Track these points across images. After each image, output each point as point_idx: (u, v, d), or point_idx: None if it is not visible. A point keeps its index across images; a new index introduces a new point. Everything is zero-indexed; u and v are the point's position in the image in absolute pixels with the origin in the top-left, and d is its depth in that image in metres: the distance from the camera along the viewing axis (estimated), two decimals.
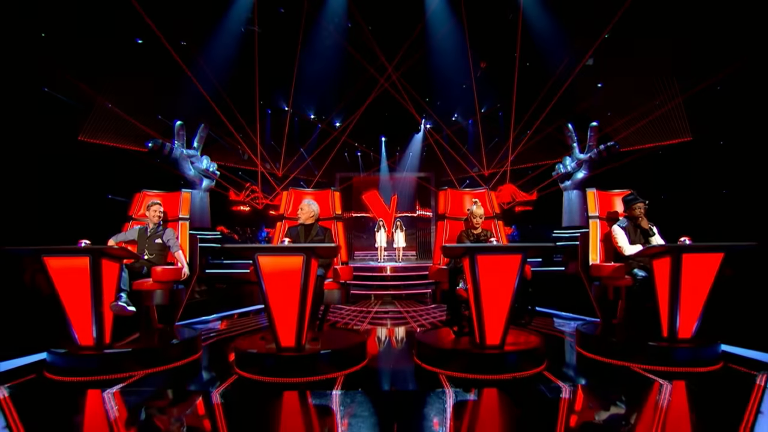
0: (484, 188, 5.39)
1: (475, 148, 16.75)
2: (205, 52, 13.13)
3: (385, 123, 16.85)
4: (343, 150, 18.11)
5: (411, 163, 18.37)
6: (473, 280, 3.74)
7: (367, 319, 6.92)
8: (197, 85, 13.33)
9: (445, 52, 13.33)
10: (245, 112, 15.21)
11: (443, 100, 15.48)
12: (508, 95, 14.25)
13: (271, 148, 16.71)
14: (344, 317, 7.12)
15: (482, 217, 4.78)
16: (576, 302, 7.58)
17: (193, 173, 13.78)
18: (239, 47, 13.15)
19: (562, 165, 14.22)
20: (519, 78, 14.11)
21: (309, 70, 13.94)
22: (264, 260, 3.72)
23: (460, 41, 13.08)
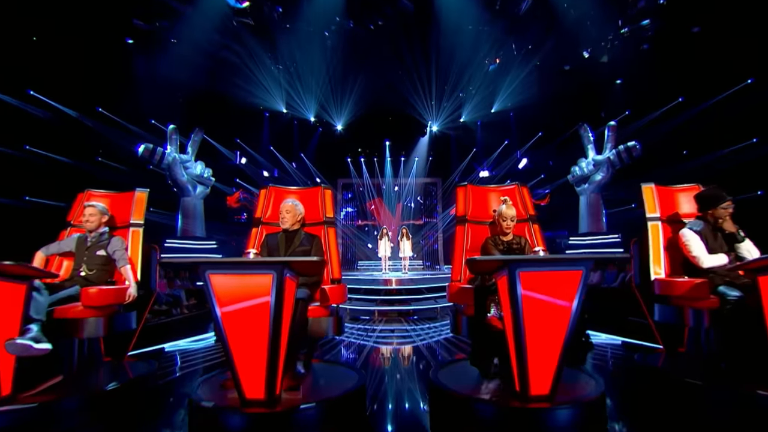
0: (513, 184, 4.24)
1: (486, 151, 15.62)
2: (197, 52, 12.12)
3: (389, 126, 15.77)
4: (345, 155, 17.05)
5: (417, 169, 17.24)
6: (513, 304, 2.60)
7: (369, 342, 5.76)
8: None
9: (456, 45, 12.28)
10: (243, 116, 14.21)
11: (451, 100, 14.39)
12: (523, 93, 13.14)
13: (270, 153, 15.68)
14: (343, 339, 5.96)
15: (514, 220, 3.64)
16: (611, 318, 6.39)
17: (186, 179, 12.74)
18: (232, 44, 12.14)
19: (578, 167, 13.06)
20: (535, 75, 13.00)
21: (307, 69, 12.93)
22: (218, 280, 2.60)
23: (473, 33, 12.00)
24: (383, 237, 11.94)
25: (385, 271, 11.92)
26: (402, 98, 14.31)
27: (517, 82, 13.06)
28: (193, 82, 12.63)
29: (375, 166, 17.29)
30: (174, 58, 12.26)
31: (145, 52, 12.04)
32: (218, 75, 12.65)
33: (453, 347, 5.22)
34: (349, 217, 17.80)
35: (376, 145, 16.92)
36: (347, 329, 6.97)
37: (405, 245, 11.79)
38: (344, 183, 17.73)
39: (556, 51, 12.09)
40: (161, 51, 12.12)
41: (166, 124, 12.68)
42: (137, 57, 12.12)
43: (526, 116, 14.46)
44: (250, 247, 3.86)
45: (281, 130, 15.16)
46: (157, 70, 12.31)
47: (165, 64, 12.30)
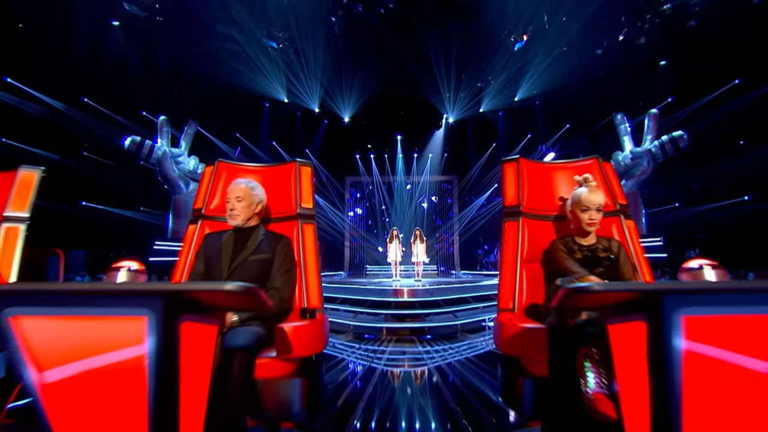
0: (592, 158, 2.81)
1: (508, 145, 14.11)
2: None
3: (401, 119, 14.37)
4: (353, 150, 15.69)
5: (431, 165, 15.78)
6: (657, 373, 1.16)
7: (372, 376, 4.36)
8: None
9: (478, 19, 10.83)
10: (242, 106, 12.95)
11: (470, 88, 12.92)
12: (551, 78, 11.64)
13: (271, 149, 14.39)
14: (341, 363, 4.57)
15: (600, 211, 2.21)
16: None
17: (177, 174, 11.51)
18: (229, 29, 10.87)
19: (613, 161, 11.49)
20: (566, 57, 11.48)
21: (310, 53, 11.60)
22: (32, 326, 1.21)
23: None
24: (393, 240, 10.54)
25: (396, 277, 10.51)
26: (415, 87, 12.90)
27: (545, 65, 11.55)
28: (187, 69, 11.40)
29: (386, 163, 15.89)
30: (167, 42, 11.05)
31: (134, 35, 10.84)
32: (215, 61, 11.40)
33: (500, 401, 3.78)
34: (358, 218, 16.41)
35: (387, 140, 15.53)
36: (347, 351, 5.59)
37: (418, 249, 10.37)
38: (353, 181, 16.35)
39: (590, 29, 10.56)
40: (152, 34, 10.91)
41: (157, 116, 11.49)
42: (125, 41, 10.92)
43: (554, 105, 12.92)
44: (185, 252, 2.49)
45: (283, 122, 13.86)
46: (148, 56, 11.11)
47: (156, 49, 11.10)
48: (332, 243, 15.57)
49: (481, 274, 13.03)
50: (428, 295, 7.57)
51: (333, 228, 15.53)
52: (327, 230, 15.36)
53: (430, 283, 9.96)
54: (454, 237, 15.88)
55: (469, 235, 15.29)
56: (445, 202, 16.30)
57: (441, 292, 7.83)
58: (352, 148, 15.50)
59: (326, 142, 15.03)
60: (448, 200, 16.28)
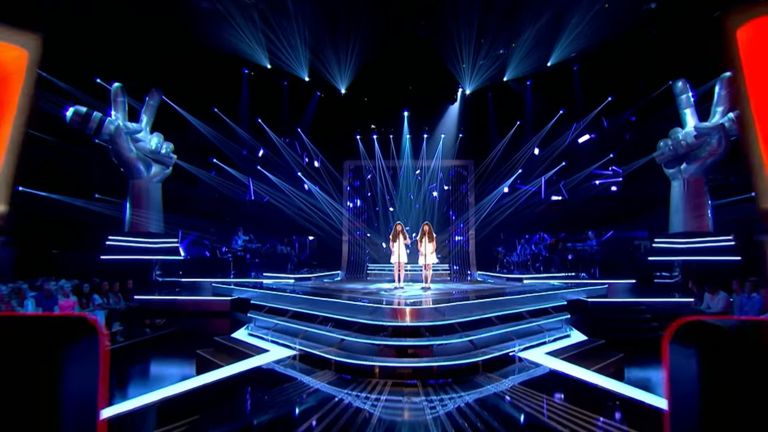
0: None
1: (538, 121, 12.13)
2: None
3: (408, 91, 12.45)
4: (352, 130, 13.81)
5: (443, 148, 13.91)
6: None
7: None
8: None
9: None
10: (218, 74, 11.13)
11: (492, 50, 10.90)
12: (593, 37, 9.64)
13: (255, 126, 12.58)
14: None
15: None
16: None
17: (135, 155, 9.77)
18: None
19: (672, 140, 9.52)
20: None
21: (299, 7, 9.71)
22: None
23: None
24: (397, 236, 8.72)
25: (398, 283, 8.72)
26: (425, 51, 10.94)
27: (585, 21, 9.52)
28: (149, 26, 9.59)
29: (391, 145, 14.00)
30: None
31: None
32: (183, 14, 9.54)
33: None
34: (358, 209, 14.58)
35: (392, 117, 13.66)
36: (319, 405, 3.86)
37: (426, 248, 8.55)
38: (353, 165, 14.49)
39: None
40: None
41: (111, 83, 9.75)
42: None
43: (594, 72, 10.90)
44: None
45: (267, 94, 12.02)
46: (101, 10, 9.29)
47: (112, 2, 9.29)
48: (327, 238, 13.84)
49: (503, 277, 11.20)
50: (438, 317, 5.75)
51: (328, 220, 13.77)
52: (321, 224, 13.61)
53: (440, 293, 8.14)
54: (469, 232, 14.03)
55: (488, 230, 13.43)
56: (459, 190, 14.42)
57: (456, 312, 6.01)
58: (351, 126, 13.68)
59: (320, 120, 13.26)
60: (462, 189, 14.37)
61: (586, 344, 6.56)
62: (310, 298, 7.09)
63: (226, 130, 12.25)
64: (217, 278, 10.51)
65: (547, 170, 12.65)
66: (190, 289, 10.01)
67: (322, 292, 7.95)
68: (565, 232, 11.94)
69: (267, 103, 12.29)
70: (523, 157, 12.89)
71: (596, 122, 11.93)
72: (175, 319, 8.57)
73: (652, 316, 7.85)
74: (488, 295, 7.44)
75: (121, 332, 7.27)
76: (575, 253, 11.04)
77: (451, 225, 14.35)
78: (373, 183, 14.42)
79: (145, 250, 9.86)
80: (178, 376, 6.16)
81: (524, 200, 13.07)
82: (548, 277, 10.88)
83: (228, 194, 12.66)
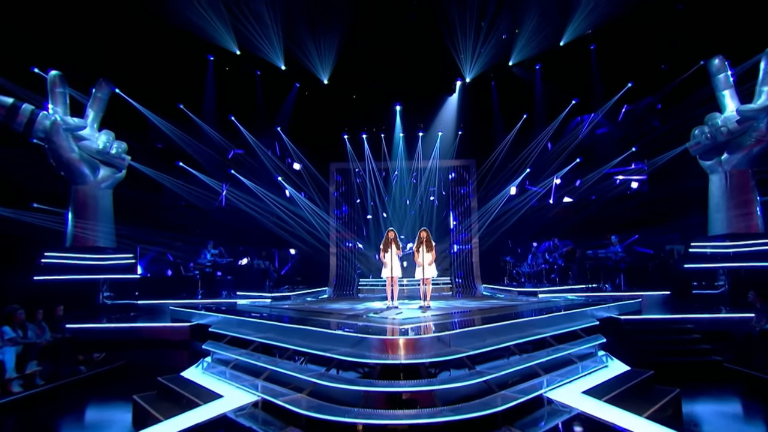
0: None
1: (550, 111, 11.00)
2: None
3: (400, 82, 11.28)
4: (339, 128, 12.65)
5: (441, 146, 12.90)
6: None
7: None
8: None
9: None
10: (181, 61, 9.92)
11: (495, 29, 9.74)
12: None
13: (227, 123, 11.35)
14: None
15: None
16: None
17: (77, 156, 8.50)
18: None
19: (709, 127, 8.36)
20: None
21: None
22: None
23: None
24: (388, 246, 7.46)
25: (391, 303, 7.45)
26: (418, 30, 9.78)
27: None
28: (97, 4, 8.42)
29: (382, 144, 12.85)
30: None
31: None
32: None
33: None
34: (347, 217, 13.37)
35: (383, 113, 12.54)
36: None
37: (425, 259, 7.30)
38: (338, 168, 13.33)
39: None
40: None
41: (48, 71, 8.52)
42: None
43: (613, 53, 9.78)
44: None
45: (238, 85, 10.81)
46: None
47: None
48: (312, 251, 12.63)
49: (513, 291, 9.96)
50: (441, 348, 4.49)
51: (313, 231, 12.56)
52: (304, 235, 12.37)
53: (442, 314, 6.84)
54: (473, 240, 12.81)
55: (494, 238, 12.24)
56: (460, 194, 13.21)
57: (465, 340, 4.75)
58: (336, 124, 12.55)
59: (301, 116, 12.21)
60: (463, 191, 13.18)
61: (631, 377, 5.29)
62: (279, 324, 5.78)
63: (193, 129, 11.01)
64: (182, 299, 9.26)
65: (559, 168, 11.47)
66: (149, 313, 8.73)
67: (295, 317, 6.66)
68: (583, 238, 10.77)
69: (238, 97, 11.09)
70: (533, 153, 11.73)
71: (615, 112, 10.77)
72: (123, 352, 7.26)
73: (702, 336, 6.61)
74: (502, 316, 6.17)
75: (42, 373, 5.92)
76: (596, 261, 9.82)
77: (451, 233, 13.15)
78: (363, 188, 13.39)
79: (90, 268, 8.55)
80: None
81: (536, 202, 11.91)
82: (567, 290, 9.68)
83: (197, 203, 11.37)
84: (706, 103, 8.81)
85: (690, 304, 8.19)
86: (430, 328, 5.40)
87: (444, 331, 4.86)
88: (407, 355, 4.46)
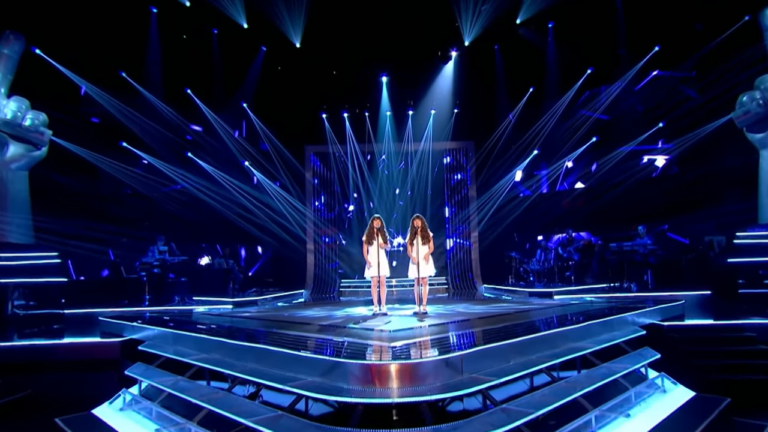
0: None
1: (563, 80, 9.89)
2: None
3: (386, 47, 10.02)
4: (316, 105, 11.35)
5: (434, 126, 11.74)
6: None
7: None
8: None
9: None
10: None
11: None
12: None
13: (178, 95, 9.95)
14: None
15: None
16: None
17: None
18: None
19: (761, 94, 7.25)
20: None
21: None
22: None
23: None
24: (373, 237, 6.22)
25: (377, 310, 6.27)
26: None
27: None
28: None
29: (366, 123, 11.60)
30: None
31: None
32: None
33: None
34: (326, 208, 12.14)
35: (366, 86, 11.35)
36: None
37: (420, 252, 6.08)
38: (316, 151, 12.07)
39: None
40: None
41: None
42: None
43: (640, 9, 8.65)
44: None
45: (191, 47, 9.40)
46: None
47: None
48: (286, 248, 11.43)
49: (522, 292, 8.85)
50: (451, 377, 3.29)
51: (287, 224, 11.28)
52: (276, 229, 11.18)
53: (445, 323, 5.57)
54: (472, 234, 11.60)
55: (496, 231, 11.17)
56: (456, 180, 12.00)
57: (481, 362, 3.57)
58: (313, 99, 11.17)
59: (270, 89, 10.90)
60: (458, 175, 11.99)
61: (703, 408, 4.14)
62: (227, 342, 4.46)
63: (140, 102, 9.59)
64: (124, 307, 7.96)
65: (573, 149, 10.32)
66: (78, 325, 7.34)
67: (252, 330, 5.37)
68: (602, 229, 9.70)
69: (191, 63, 9.65)
70: (542, 133, 10.56)
71: (639, 82, 9.66)
72: (35, 376, 5.87)
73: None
74: (524, 326, 4.96)
75: None
76: (620, 256, 8.71)
77: (446, 226, 11.96)
78: (345, 174, 12.18)
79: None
80: None
81: (547, 189, 10.78)
82: (586, 289, 8.57)
83: (145, 191, 9.95)
84: (753, 66, 7.74)
85: (739, 306, 7.07)
86: (431, 344, 4.16)
87: (452, 351, 3.60)
88: (402, 388, 3.21)
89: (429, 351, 3.91)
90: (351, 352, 3.80)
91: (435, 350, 3.89)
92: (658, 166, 9.80)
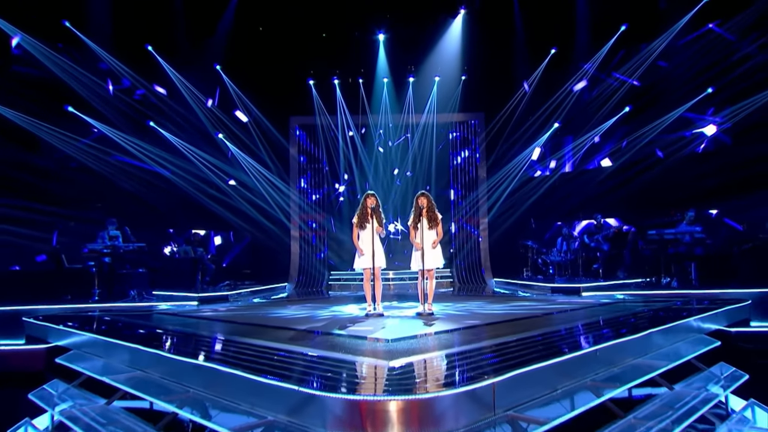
0: None
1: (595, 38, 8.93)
2: None
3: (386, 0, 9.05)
4: (302, 70, 10.39)
5: (438, 96, 10.89)
6: None
7: None
8: None
9: None
10: None
11: None
12: None
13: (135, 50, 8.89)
14: None
15: None
16: None
17: None
18: None
19: None
20: None
21: None
22: None
23: None
24: (366, 219, 5.27)
25: (371, 310, 5.38)
26: None
27: None
28: None
29: (360, 92, 10.68)
30: None
31: None
32: None
33: None
34: (312, 189, 11.29)
35: (360, 48, 10.43)
36: None
37: (425, 238, 5.13)
38: (302, 123, 11.24)
39: None
40: None
41: None
42: None
43: None
44: None
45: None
46: None
47: None
48: (267, 235, 10.64)
49: (542, 288, 8.00)
50: (480, 414, 2.28)
51: (268, 207, 10.39)
52: (255, 214, 10.53)
53: (456, 327, 4.59)
54: (481, 220, 10.75)
55: (511, 217, 10.43)
56: (463, 158, 11.11)
57: (521, 390, 2.60)
58: (297, 62, 10.30)
59: (247, 48, 9.90)
60: (466, 153, 11.10)
61: None
62: (166, 356, 3.46)
63: (89, 59, 8.53)
64: (67, 303, 7.09)
65: (602, 121, 9.36)
66: (4, 325, 6.36)
67: (205, 338, 4.40)
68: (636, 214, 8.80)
69: (147, 7, 8.53)
70: (566, 102, 9.59)
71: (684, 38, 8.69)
72: None
73: None
74: (568, 338, 4.01)
75: None
76: (660, 245, 7.79)
77: (451, 211, 11.08)
78: (335, 149, 11.37)
79: None
80: None
81: (573, 167, 9.85)
82: (619, 285, 7.69)
83: (95, 167, 8.91)
84: None
85: None
86: (445, 363, 3.18)
87: (479, 376, 2.61)
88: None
89: (444, 374, 2.92)
90: (332, 378, 2.81)
91: (453, 373, 2.91)
92: (705, 139, 8.86)
